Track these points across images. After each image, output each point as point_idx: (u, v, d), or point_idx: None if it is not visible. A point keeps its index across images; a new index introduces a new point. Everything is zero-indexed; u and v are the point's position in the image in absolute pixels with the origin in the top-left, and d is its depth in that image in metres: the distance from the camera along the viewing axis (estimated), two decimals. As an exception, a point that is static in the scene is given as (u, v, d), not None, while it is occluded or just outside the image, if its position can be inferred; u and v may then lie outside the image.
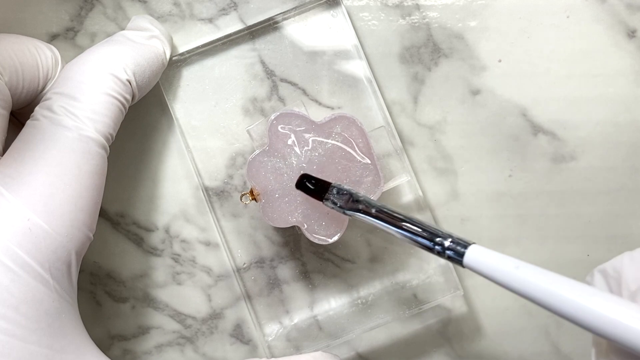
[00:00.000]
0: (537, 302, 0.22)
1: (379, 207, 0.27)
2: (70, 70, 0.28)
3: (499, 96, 0.33)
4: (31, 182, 0.26)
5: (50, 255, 0.25)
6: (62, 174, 0.26)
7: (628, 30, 0.33)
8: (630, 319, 0.19)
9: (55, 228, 0.26)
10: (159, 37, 0.31)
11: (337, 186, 0.28)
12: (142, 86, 0.29)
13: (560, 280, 0.21)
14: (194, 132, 0.33)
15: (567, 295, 0.21)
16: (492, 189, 0.33)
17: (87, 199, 0.27)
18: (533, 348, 0.34)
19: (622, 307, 0.20)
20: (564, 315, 0.21)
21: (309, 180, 0.29)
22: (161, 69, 0.31)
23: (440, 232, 0.25)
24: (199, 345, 0.34)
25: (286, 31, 0.33)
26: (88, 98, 0.27)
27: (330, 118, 0.30)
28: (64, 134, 0.26)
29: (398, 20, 0.33)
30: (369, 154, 0.30)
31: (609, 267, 0.23)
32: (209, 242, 0.34)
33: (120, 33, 0.30)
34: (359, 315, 0.33)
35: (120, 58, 0.28)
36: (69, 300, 0.27)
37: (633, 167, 0.33)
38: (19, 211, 0.25)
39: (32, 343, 0.25)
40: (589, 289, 0.21)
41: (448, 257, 0.25)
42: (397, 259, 0.33)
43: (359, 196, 0.28)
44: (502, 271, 0.22)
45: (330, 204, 0.28)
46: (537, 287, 0.21)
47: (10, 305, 0.24)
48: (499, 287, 0.23)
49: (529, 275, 0.22)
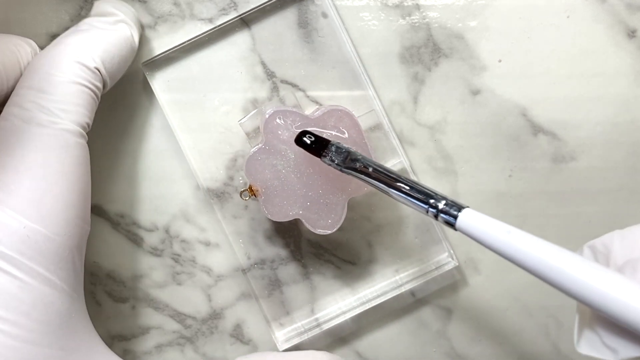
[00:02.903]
0: (526, 268, 0.22)
1: (375, 166, 0.27)
2: (38, 62, 0.27)
3: (499, 96, 0.33)
4: (18, 190, 0.25)
5: (53, 257, 0.25)
6: (47, 174, 0.26)
7: (628, 30, 0.33)
8: (614, 289, 0.20)
9: (53, 230, 0.26)
10: (124, 21, 0.30)
11: (336, 144, 0.28)
12: (112, 73, 0.29)
13: (550, 248, 0.21)
14: (194, 133, 0.33)
15: (554, 263, 0.21)
16: (492, 189, 0.33)
17: (76, 192, 0.27)
18: (533, 348, 0.34)
19: (607, 277, 0.20)
20: (551, 282, 0.21)
21: (308, 136, 0.29)
22: (131, 54, 0.30)
23: (435, 194, 0.25)
24: (199, 345, 0.34)
25: (286, 31, 0.33)
26: (58, 89, 0.26)
27: (323, 111, 0.30)
28: (39, 132, 0.26)
29: (398, 20, 0.33)
30: (363, 144, 0.30)
31: (598, 243, 0.23)
32: (209, 242, 0.34)
33: (84, 21, 0.30)
34: (359, 316, 0.33)
35: (87, 46, 0.28)
36: (77, 297, 0.27)
37: (633, 167, 0.33)
38: (13, 220, 0.25)
39: (46, 346, 0.25)
40: (577, 258, 0.21)
41: (441, 219, 0.25)
42: (397, 259, 0.34)
43: (357, 155, 0.28)
44: (494, 236, 0.23)
45: (328, 161, 0.28)
46: (526, 253, 0.22)
47: (21, 312, 0.24)
48: (492, 252, 0.23)
49: (520, 241, 0.22)
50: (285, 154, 0.30)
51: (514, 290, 0.34)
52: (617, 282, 0.20)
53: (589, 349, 0.22)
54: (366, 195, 0.33)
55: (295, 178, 0.30)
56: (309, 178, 0.30)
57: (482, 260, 0.34)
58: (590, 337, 0.22)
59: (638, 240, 0.22)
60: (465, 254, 0.34)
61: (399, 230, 0.33)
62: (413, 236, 0.33)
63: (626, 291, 0.19)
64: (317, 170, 0.30)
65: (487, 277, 0.34)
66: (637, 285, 0.20)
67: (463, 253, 0.34)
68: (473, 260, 0.34)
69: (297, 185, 0.30)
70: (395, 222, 0.33)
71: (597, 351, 0.21)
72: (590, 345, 0.21)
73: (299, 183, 0.30)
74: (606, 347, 0.21)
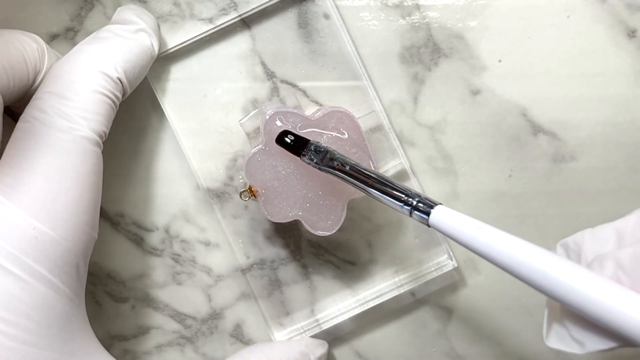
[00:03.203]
0: (496, 263, 0.22)
1: (352, 165, 0.28)
2: (60, 69, 0.28)
3: (499, 96, 0.33)
4: (32, 191, 0.25)
5: (59, 260, 0.26)
6: (62, 178, 0.26)
7: (628, 30, 0.33)
8: (581, 284, 0.20)
9: (61, 233, 0.26)
10: (145, 30, 0.30)
11: (315, 143, 0.29)
12: (132, 81, 0.29)
13: (520, 244, 0.22)
14: (194, 132, 0.33)
15: (523, 258, 0.21)
16: (492, 189, 0.33)
17: (88, 200, 0.27)
18: (533, 348, 0.34)
19: (575, 272, 0.20)
20: (520, 277, 0.21)
21: (288, 136, 0.29)
22: (150, 62, 0.31)
23: (409, 192, 0.26)
24: (199, 345, 0.34)
25: (286, 31, 0.33)
26: (80, 97, 0.27)
27: (324, 113, 0.30)
28: (58, 137, 0.26)
29: (398, 20, 0.33)
30: (363, 145, 0.30)
31: (570, 241, 0.24)
32: (209, 242, 0.34)
33: (106, 28, 0.30)
34: (359, 316, 0.33)
35: (110, 56, 0.28)
36: (78, 301, 0.27)
37: (633, 167, 0.33)
38: (23, 220, 0.25)
39: (45, 349, 0.25)
40: (546, 253, 0.21)
41: (415, 216, 0.26)
42: (397, 260, 0.34)
43: (335, 154, 0.29)
44: (465, 232, 0.23)
45: (307, 160, 0.29)
46: (496, 249, 0.22)
47: (22, 313, 0.24)
48: (464, 247, 0.23)
49: (490, 236, 0.22)
50: (285, 155, 0.30)
51: (514, 290, 0.34)
52: (584, 277, 0.20)
53: (558, 342, 0.22)
54: (366, 197, 0.33)
55: (295, 179, 0.30)
56: (309, 179, 0.30)
57: (482, 260, 0.34)
58: (558, 331, 0.22)
59: (608, 238, 0.23)
60: (465, 255, 0.34)
61: (399, 230, 0.33)
62: (413, 237, 0.33)
63: (592, 286, 0.20)
64: (317, 171, 0.30)
65: (486, 277, 0.34)
66: (603, 280, 0.20)
67: (463, 253, 0.34)
68: (473, 261, 0.34)
69: (296, 187, 0.30)
70: (395, 222, 0.33)
71: (565, 344, 0.22)
72: (559, 339, 0.22)
73: (299, 184, 0.30)
74: (574, 340, 0.21)
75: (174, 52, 0.32)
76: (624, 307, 0.19)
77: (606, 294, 0.19)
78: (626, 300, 0.19)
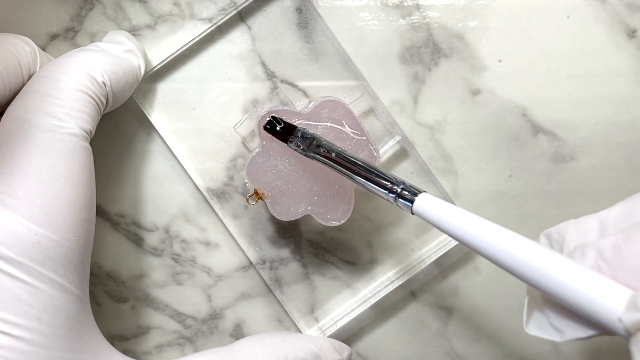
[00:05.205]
0: (478, 251, 0.22)
1: (338, 152, 0.28)
2: (47, 70, 0.28)
3: (499, 96, 0.33)
4: (27, 196, 0.25)
5: (63, 261, 0.26)
6: (55, 179, 0.26)
7: (628, 30, 0.33)
8: (562, 272, 0.20)
9: (62, 234, 0.26)
10: (134, 52, 0.31)
11: (302, 130, 0.29)
12: (116, 94, 0.29)
13: (502, 232, 0.22)
14: (194, 133, 0.33)
15: (504, 246, 0.21)
16: (492, 189, 0.33)
17: (83, 196, 0.27)
18: (533, 348, 0.34)
19: (555, 261, 0.20)
20: (502, 265, 0.21)
21: (276, 122, 0.29)
22: (135, 83, 0.31)
23: (394, 179, 0.26)
24: (199, 345, 0.34)
25: (286, 31, 0.33)
26: (66, 94, 0.27)
27: (315, 104, 0.30)
28: (45, 137, 0.26)
29: (398, 20, 0.33)
30: (360, 130, 0.30)
31: (553, 232, 0.24)
32: (209, 242, 0.34)
33: (94, 44, 0.30)
34: (359, 316, 0.33)
35: (97, 62, 0.28)
36: (85, 298, 0.27)
37: (633, 167, 0.33)
38: (24, 227, 0.25)
39: (57, 349, 0.25)
40: (528, 242, 0.21)
41: (400, 203, 0.26)
42: (397, 259, 0.34)
43: (321, 141, 0.29)
44: (448, 219, 0.23)
45: (294, 147, 0.29)
46: (478, 237, 0.22)
47: (32, 316, 0.24)
48: (448, 236, 0.23)
49: (472, 224, 0.23)
50: (284, 153, 0.30)
51: (514, 290, 0.34)
52: (565, 265, 0.20)
53: (537, 329, 0.22)
54: (367, 196, 0.33)
55: (299, 175, 0.30)
56: (312, 173, 0.30)
57: (482, 260, 0.34)
58: (538, 319, 0.22)
59: (590, 229, 0.23)
60: (465, 255, 0.34)
61: (399, 230, 0.33)
62: (413, 236, 0.33)
63: (573, 274, 0.20)
64: (318, 163, 0.30)
65: (487, 277, 0.34)
66: (583, 269, 0.20)
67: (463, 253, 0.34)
68: (473, 261, 0.34)
69: (301, 182, 0.30)
70: (395, 222, 0.33)
71: (544, 332, 0.22)
72: (539, 326, 0.22)
73: (303, 179, 0.30)
74: (553, 328, 0.21)
75: (175, 53, 0.32)
76: (602, 296, 0.19)
77: (585, 282, 0.20)
78: (605, 289, 0.19)
